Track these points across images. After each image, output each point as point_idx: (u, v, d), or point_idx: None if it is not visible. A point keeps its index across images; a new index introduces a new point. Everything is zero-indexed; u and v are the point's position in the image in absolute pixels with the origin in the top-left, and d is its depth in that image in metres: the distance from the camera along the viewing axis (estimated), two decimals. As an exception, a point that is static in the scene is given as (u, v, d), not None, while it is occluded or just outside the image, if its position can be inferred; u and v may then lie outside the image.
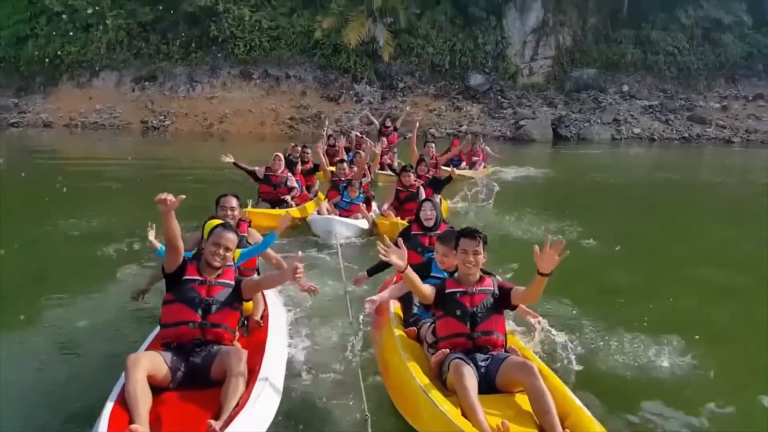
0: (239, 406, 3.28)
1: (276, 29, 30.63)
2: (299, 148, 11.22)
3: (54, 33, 31.98)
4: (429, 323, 4.18)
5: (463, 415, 3.30)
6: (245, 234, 5.44)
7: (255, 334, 4.34)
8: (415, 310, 4.62)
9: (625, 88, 30.31)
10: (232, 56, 30.57)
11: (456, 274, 4.00)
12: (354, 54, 29.86)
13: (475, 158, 15.02)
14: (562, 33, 31.15)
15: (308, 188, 10.39)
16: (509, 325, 4.32)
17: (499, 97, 29.55)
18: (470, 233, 3.88)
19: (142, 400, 3.14)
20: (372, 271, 5.35)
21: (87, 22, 31.76)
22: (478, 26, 30.05)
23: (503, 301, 3.89)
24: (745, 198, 14.24)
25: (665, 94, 30.19)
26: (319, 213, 8.91)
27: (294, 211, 9.05)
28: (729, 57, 30.63)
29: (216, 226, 3.97)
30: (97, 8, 31.48)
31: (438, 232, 5.51)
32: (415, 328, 4.40)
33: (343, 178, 9.49)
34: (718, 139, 27.71)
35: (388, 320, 4.56)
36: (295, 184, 9.60)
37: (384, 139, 14.48)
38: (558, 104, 29.39)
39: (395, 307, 4.78)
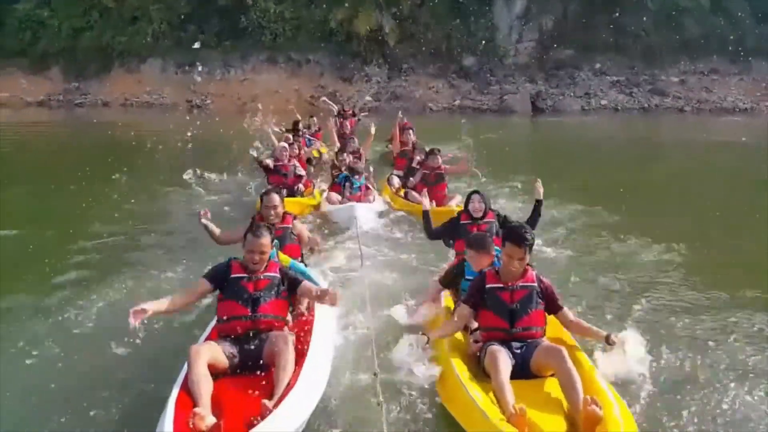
0: (290, 386, 3.52)
1: (297, 19, 35.45)
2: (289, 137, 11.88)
3: (106, 25, 37.05)
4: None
5: (496, 397, 3.47)
6: (289, 226, 5.70)
7: (303, 319, 4.56)
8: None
9: (598, 66, 35.04)
10: (259, 44, 35.49)
11: (497, 268, 4.00)
12: (364, 40, 34.54)
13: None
14: (544, 19, 35.72)
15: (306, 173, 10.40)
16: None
17: (488, 75, 34.41)
18: (517, 239, 3.84)
19: (204, 386, 3.39)
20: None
21: (134, 15, 36.79)
22: (470, 14, 34.65)
23: (545, 299, 3.96)
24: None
25: (632, 70, 34.81)
26: (330, 202, 9.03)
27: (309, 200, 9.34)
28: (689, 37, 35.03)
29: (247, 233, 4.22)
30: (141, 2, 36.61)
31: (486, 219, 5.90)
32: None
33: (343, 170, 9.62)
34: (673, 108, 32.47)
35: (438, 308, 4.84)
36: (303, 172, 9.69)
37: (344, 122, 15.17)
38: (539, 81, 34.21)
39: (446, 298, 4.99)
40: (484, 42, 35.01)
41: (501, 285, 3.90)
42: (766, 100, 33.08)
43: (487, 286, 3.94)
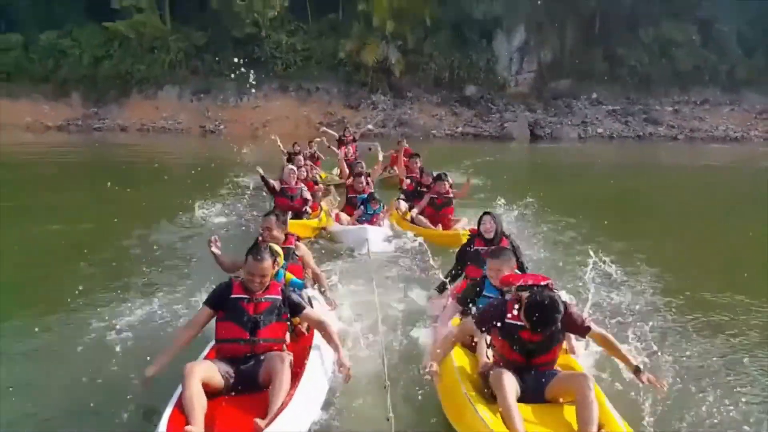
0: (284, 405, 3.50)
1: (307, 51, 37.46)
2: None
3: (125, 54, 38.84)
4: (483, 334, 4.13)
5: (503, 419, 3.39)
6: (292, 246, 5.57)
7: (302, 340, 4.49)
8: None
9: (594, 95, 36.69)
10: (272, 73, 37.37)
11: (519, 307, 3.73)
12: (371, 70, 36.49)
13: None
14: (542, 51, 37.62)
15: (313, 196, 10.15)
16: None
17: (489, 104, 36.11)
18: (542, 326, 3.60)
19: (198, 404, 3.40)
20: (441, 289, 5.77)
21: (152, 45, 38.60)
22: (472, 46, 36.63)
23: (569, 330, 3.82)
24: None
25: (628, 100, 36.50)
26: (340, 223, 9.03)
27: (315, 222, 9.24)
28: (681, 69, 36.78)
29: (247, 255, 4.10)
30: (160, 33, 38.54)
31: (500, 245, 5.40)
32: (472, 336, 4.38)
33: (359, 194, 9.56)
34: (667, 137, 33.98)
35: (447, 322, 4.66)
36: (309, 196, 9.59)
37: (344, 148, 15.07)
38: (537, 110, 35.90)
39: (453, 319, 4.79)
40: (485, 72, 36.87)
41: (522, 324, 3.70)
42: (755, 128, 34.62)
43: (507, 321, 3.76)
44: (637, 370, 3.75)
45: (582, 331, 3.80)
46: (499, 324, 3.79)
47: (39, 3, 39.33)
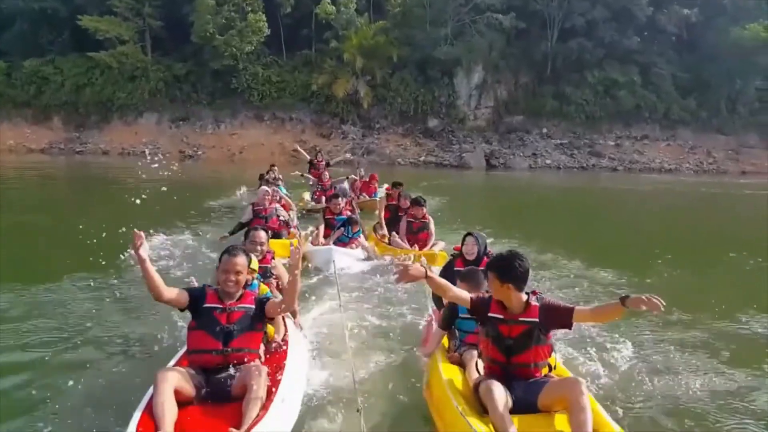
0: (259, 417, 3.47)
1: (282, 83, 40.11)
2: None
3: (106, 82, 40.82)
4: (470, 350, 4.32)
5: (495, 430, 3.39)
6: (269, 265, 5.49)
7: (276, 355, 4.46)
8: (458, 336, 4.64)
9: (545, 130, 40.13)
10: (248, 103, 39.83)
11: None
12: (341, 102, 39.28)
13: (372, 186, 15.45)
14: (499, 89, 41.04)
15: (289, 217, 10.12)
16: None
17: (450, 136, 39.19)
18: (508, 272, 3.64)
19: (168, 411, 3.36)
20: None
21: (133, 74, 40.67)
22: (435, 83, 39.75)
23: (554, 322, 3.73)
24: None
25: (574, 134, 40.01)
26: (313, 244, 9.03)
27: (288, 241, 8.96)
28: (623, 107, 40.39)
29: (222, 254, 4.04)
30: (141, 63, 40.72)
31: (481, 268, 5.11)
32: (458, 353, 4.50)
33: (337, 216, 9.49)
34: (608, 168, 37.36)
35: (435, 348, 4.73)
36: (286, 216, 9.59)
37: (315, 171, 15.55)
38: (493, 142, 39.11)
39: (443, 336, 4.85)
40: (446, 107, 40.05)
41: (501, 316, 3.76)
42: (686, 162, 38.46)
43: (489, 314, 3.82)
44: (623, 303, 3.42)
45: (566, 314, 3.68)
46: (482, 321, 3.86)
47: (25, 34, 41.22)
